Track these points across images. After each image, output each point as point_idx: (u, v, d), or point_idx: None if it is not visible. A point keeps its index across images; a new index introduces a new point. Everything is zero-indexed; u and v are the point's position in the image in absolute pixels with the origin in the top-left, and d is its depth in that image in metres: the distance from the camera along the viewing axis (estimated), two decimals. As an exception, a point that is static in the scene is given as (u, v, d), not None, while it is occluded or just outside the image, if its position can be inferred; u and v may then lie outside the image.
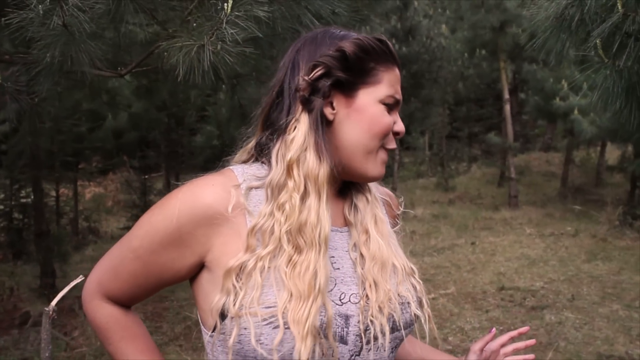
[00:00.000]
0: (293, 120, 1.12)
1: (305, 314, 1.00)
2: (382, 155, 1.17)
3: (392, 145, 1.18)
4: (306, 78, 1.12)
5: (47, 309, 2.40)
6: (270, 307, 1.01)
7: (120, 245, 1.18)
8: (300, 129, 1.11)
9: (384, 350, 1.12)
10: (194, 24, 2.76)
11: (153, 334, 5.47)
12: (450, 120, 20.04)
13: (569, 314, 5.77)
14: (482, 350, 1.33)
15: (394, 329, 1.12)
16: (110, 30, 2.89)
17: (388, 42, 1.18)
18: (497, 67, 14.06)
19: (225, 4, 2.41)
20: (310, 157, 1.09)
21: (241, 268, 1.04)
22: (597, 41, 1.93)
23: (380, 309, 1.10)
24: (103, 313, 1.19)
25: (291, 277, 1.03)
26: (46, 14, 2.39)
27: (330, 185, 1.13)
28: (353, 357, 1.08)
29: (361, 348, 1.09)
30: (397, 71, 1.18)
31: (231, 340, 1.01)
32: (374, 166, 1.16)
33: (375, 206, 1.24)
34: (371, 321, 1.09)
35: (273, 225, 1.06)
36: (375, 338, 1.09)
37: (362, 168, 1.15)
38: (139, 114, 10.07)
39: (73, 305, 6.20)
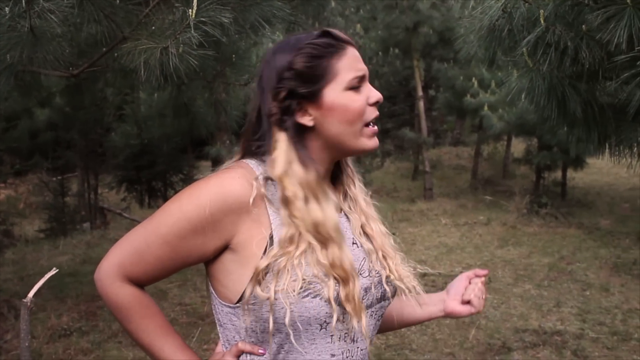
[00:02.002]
0: (273, 142, 1.25)
1: (352, 293, 1.21)
2: (368, 131, 1.30)
3: (373, 116, 1.30)
4: (275, 104, 1.26)
5: (24, 300, 2.52)
6: (296, 280, 1.17)
7: (145, 231, 1.27)
8: (281, 147, 1.24)
9: (374, 318, 1.33)
10: (153, 27, 2.90)
11: (90, 333, 5.48)
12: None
13: (486, 294, 6.21)
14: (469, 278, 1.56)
15: (382, 298, 1.34)
16: (71, 32, 2.98)
17: (331, 30, 1.29)
18: (410, 65, 14.57)
19: (190, 10, 2.58)
20: (297, 168, 1.24)
21: (269, 266, 1.19)
22: (524, 49, 2.25)
23: (386, 279, 1.33)
24: (126, 293, 1.28)
25: (329, 267, 1.20)
26: (13, 17, 2.48)
27: (322, 181, 1.30)
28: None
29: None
30: (350, 51, 1.29)
31: (269, 311, 1.17)
32: (367, 141, 1.30)
33: (363, 190, 1.46)
34: (371, 290, 1.30)
35: (297, 229, 1.21)
36: (370, 306, 1.31)
37: (356, 147, 1.30)
38: (58, 113, 9.86)
39: (1, 308, 6.05)
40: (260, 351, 1.24)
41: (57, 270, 2.49)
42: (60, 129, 11.15)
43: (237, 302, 1.23)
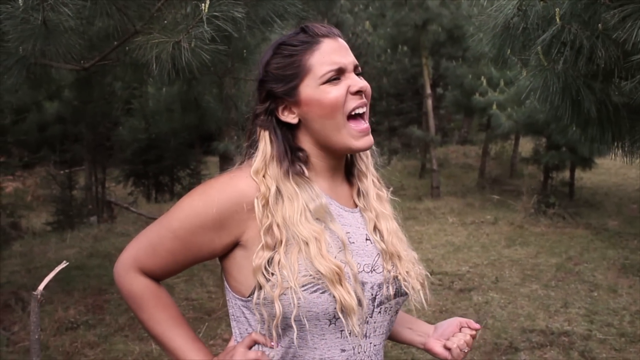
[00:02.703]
0: (257, 140, 1.32)
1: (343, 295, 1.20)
2: (354, 130, 1.30)
3: (354, 105, 1.30)
4: (259, 105, 1.33)
5: (35, 293, 2.52)
6: (306, 275, 1.19)
7: (159, 226, 1.31)
8: (260, 146, 1.31)
9: (388, 314, 1.34)
10: (165, 21, 2.89)
11: (96, 327, 5.49)
12: (370, 114, 20.41)
13: (494, 294, 6.20)
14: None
15: (398, 294, 1.34)
16: (83, 26, 2.98)
17: (307, 26, 1.32)
18: (418, 63, 14.53)
19: (203, 4, 2.58)
20: (273, 165, 1.28)
21: (268, 262, 1.22)
22: (539, 48, 2.24)
23: (397, 278, 1.33)
24: (139, 284, 1.32)
25: (315, 258, 1.20)
26: (26, 10, 2.48)
27: (326, 171, 1.34)
28: (367, 319, 1.29)
29: (372, 311, 1.30)
30: (327, 44, 1.29)
31: (279, 306, 1.18)
32: (354, 141, 1.30)
33: (377, 186, 1.46)
34: (384, 287, 1.31)
35: (272, 224, 1.24)
36: (383, 303, 1.31)
37: (342, 143, 1.30)
38: (66, 107, 9.88)
39: (9, 300, 6.09)
40: (272, 344, 1.25)
41: (68, 263, 2.49)
42: (69, 123, 11.17)
43: (249, 295, 1.26)
